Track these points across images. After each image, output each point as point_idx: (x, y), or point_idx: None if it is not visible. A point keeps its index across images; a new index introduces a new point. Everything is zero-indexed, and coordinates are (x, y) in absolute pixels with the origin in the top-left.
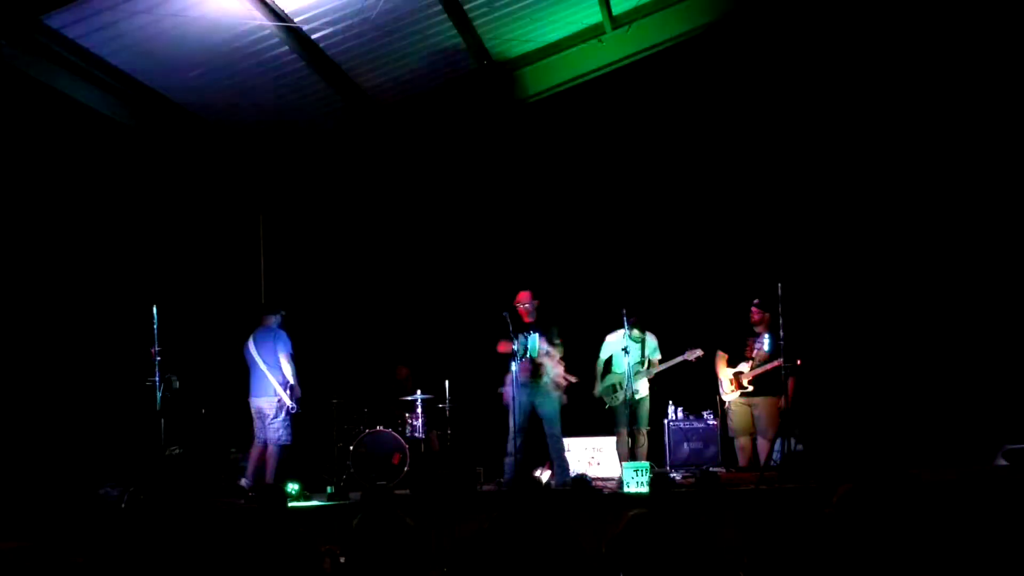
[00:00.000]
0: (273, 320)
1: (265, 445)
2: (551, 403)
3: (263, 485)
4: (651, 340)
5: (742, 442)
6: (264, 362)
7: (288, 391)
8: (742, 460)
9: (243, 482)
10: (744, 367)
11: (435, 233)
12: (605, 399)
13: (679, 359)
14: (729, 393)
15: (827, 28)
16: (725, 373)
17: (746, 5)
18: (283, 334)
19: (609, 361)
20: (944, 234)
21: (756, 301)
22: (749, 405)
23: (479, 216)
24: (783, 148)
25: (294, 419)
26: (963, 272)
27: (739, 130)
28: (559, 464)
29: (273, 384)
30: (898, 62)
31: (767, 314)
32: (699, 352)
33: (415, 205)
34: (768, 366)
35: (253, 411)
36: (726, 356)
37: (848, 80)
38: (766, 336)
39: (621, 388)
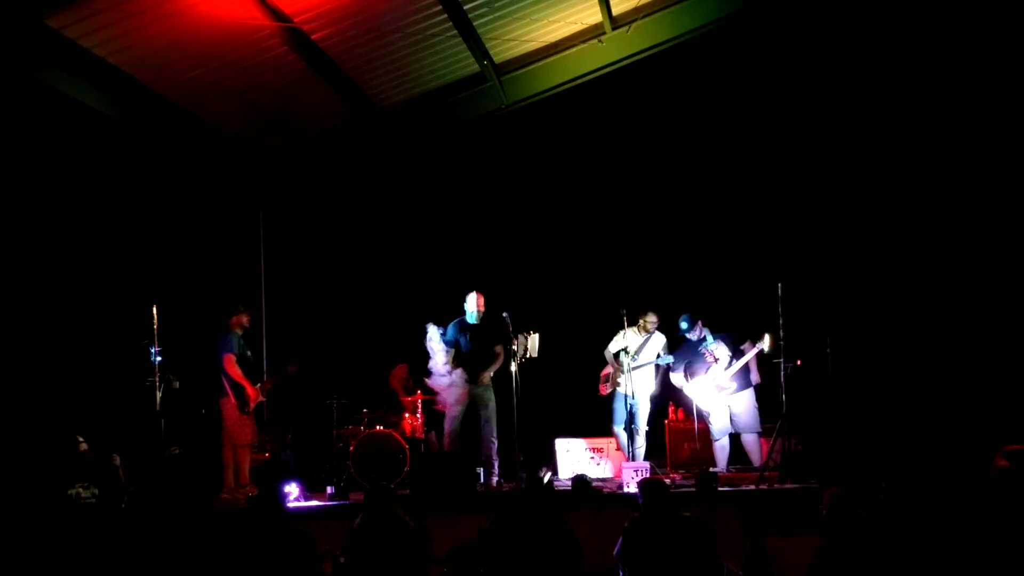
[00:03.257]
0: (230, 321)
1: (233, 448)
2: None
3: (261, 485)
4: (659, 338)
5: (723, 443)
6: (216, 364)
7: (233, 391)
8: (721, 461)
9: (224, 496)
10: (716, 369)
11: (435, 233)
12: (613, 381)
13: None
14: (714, 398)
15: (829, 29)
16: (704, 382)
17: (746, 6)
18: (226, 336)
19: (617, 356)
20: (943, 233)
21: (688, 315)
22: (727, 405)
23: (479, 216)
24: (783, 149)
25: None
26: (963, 272)
27: (739, 131)
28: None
29: (224, 386)
30: (898, 63)
31: (698, 320)
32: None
33: (416, 205)
34: (741, 361)
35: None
36: (692, 370)
37: (849, 81)
38: (710, 338)
39: (619, 382)
